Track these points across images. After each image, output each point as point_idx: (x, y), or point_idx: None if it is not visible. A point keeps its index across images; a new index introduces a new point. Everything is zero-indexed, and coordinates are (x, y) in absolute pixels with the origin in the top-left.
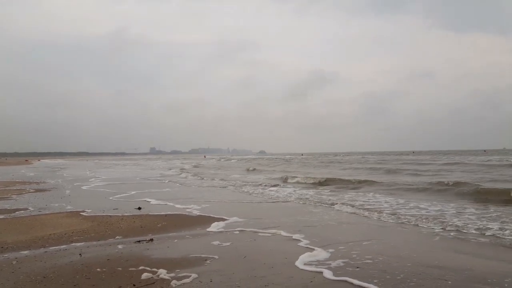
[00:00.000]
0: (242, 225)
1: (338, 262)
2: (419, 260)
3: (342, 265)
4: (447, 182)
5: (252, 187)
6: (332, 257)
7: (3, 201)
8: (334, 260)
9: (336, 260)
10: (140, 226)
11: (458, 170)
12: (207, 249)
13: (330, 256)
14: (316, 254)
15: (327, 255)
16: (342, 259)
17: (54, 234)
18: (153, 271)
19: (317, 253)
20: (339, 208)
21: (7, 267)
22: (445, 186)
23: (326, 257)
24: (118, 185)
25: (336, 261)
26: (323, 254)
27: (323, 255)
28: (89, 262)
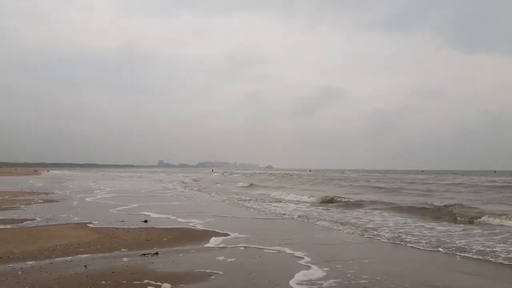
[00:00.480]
0: (246, 241)
1: (330, 282)
2: (418, 279)
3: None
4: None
5: (254, 202)
6: (326, 276)
7: (12, 211)
8: (326, 280)
9: (329, 279)
10: (146, 239)
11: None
12: (212, 264)
13: (325, 275)
14: (312, 272)
15: (323, 274)
16: (335, 279)
17: (60, 245)
18: (157, 285)
19: (312, 271)
20: (339, 227)
21: (13, 278)
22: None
23: (321, 276)
24: (124, 197)
25: (328, 280)
26: (319, 272)
27: (318, 273)
28: (94, 274)
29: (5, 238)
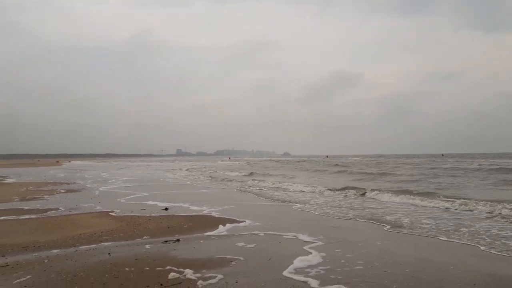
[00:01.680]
0: (263, 227)
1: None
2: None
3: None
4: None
5: (266, 190)
6: (323, 262)
7: (36, 201)
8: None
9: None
10: (167, 227)
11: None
12: (232, 250)
13: (322, 261)
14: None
15: (319, 260)
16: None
17: (84, 234)
18: (180, 271)
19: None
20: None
21: (39, 266)
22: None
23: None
24: (143, 186)
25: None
26: (316, 258)
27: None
28: (118, 262)
29: (30, 227)
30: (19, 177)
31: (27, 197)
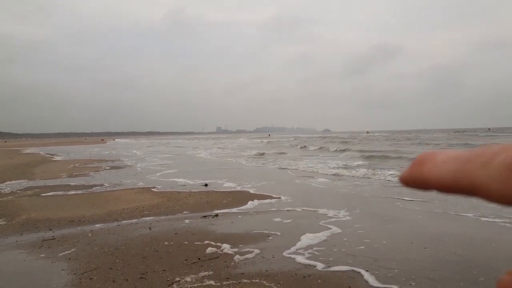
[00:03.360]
0: (298, 203)
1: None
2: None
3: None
4: None
5: (303, 167)
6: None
7: (82, 178)
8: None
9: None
10: (206, 202)
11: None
12: (269, 225)
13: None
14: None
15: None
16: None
17: (127, 209)
18: (218, 246)
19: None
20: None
21: (83, 239)
22: None
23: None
24: (182, 163)
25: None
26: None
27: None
28: (158, 236)
29: (77, 203)
30: (67, 155)
31: (74, 173)
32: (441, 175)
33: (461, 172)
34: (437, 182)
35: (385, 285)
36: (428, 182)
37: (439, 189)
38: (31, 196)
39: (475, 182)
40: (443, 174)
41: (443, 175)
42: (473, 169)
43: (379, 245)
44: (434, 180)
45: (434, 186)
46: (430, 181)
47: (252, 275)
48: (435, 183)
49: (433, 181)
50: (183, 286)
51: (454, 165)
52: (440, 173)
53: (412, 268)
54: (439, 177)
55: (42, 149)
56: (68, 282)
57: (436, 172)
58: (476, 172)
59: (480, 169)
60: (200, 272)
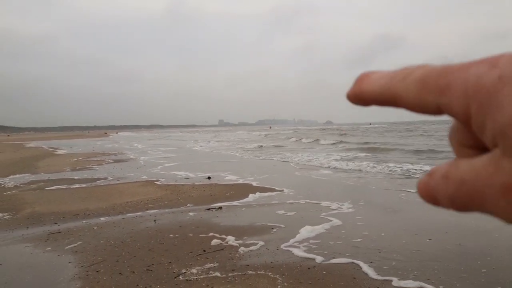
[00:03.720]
0: (301, 196)
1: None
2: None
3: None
4: None
5: (304, 160)
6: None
7: (86, 171)
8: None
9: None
10: (210, 195)
11: None
12: (273, 218)
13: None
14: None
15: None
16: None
17: (131, 202)
18: (222, 238)
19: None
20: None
21: (89, 232)
22: None
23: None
24: (184, 156)
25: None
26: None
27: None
28: (163, 228)
29: (81, 196)
30: (70, 148)
31: (77, 167)
32: (373, 89)
33: (387, 85)
34: (369, 95)
35: (387, 277)
36: (364, 97)
37: (372, 102)
38: (35, 190)
39: (395, 93)
40: (375, 88)
41: (374, 89)
42: (395, 82)
43: (384, 236)
44: (367, 94)
45: (368, 99)
46: (364, 95)
47: (257, 267)
48: (368, 96)
49: (367, 94)
50: (189, 277)
51: (384, 79)
52: (373, 87)
53: (415, 259)
54: (371, 91)
55: (45, 143)
56: (75, 275)
57: (370, 87)
58: (397, 85)
59: (400, 82)
60: (206, 264)
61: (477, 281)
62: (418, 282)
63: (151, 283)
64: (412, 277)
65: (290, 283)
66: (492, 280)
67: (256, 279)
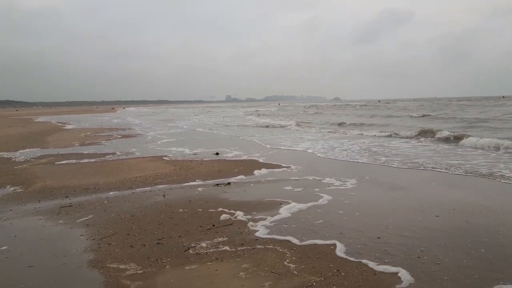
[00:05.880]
0: (311, 172)
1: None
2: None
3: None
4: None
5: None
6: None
7: (94, 146)
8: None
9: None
10: (218, 171)
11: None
12: (281, 193)
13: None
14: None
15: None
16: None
17: (140, 177)
18: (231, 213)
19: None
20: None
21: (100, 206)
22: None
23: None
24: (192, 132)
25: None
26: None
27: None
28: (172, 203)
29: (90, 171)
30: (78, 123)
31: (86, 142)
32: None
33: None
34: None
35: (394, 253)
36: None
37: None
38: (45, 164)
39: None
40: None
41: None
42: None
43: (394, 212)
44: None
45: None
46: None
47: (266, 241)
48: None
49: None
50: (199, 251)
51: None
52: None
53: (423, 236)
54: None
55: (54, 118)
56: (88, 247)
57: None
58: None
59: None
60: (215, 238)
61: (484, 257)
62: (426, 257)
63: (162, 256)
64: (419, 253)
65: (298, 257)
66: (499, 257)
67: (265, 253)
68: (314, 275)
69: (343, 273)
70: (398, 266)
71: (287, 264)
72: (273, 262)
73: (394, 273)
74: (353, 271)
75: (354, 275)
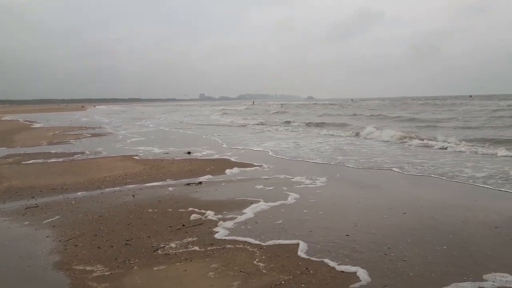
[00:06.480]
0: (282, 171)
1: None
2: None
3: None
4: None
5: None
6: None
7: (63, 145)
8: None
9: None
10: (189, 170)
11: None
12: (252, 192)
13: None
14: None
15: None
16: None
17: (109, 177)
18: (202, 213)
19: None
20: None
21: (67, 207)
22: None
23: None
24: (163, 131)
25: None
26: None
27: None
28: (142, 203)
29: (58, 170)
30: (47, 122)
31: (54, 141)
32: None
33: None
34: None
35: (361, 250)
36: None
37: None
38: (11, 164)
39: None
40: None
41: None
42: None
43: (362, 210)
44: None
45: None
46: None
47: (236, 241)
48: None
49: None
50: (168, 251)
51: None
52: None
53: (390, 233)
54: None
55: (21, 116)
56: (54, 249)
57: None
58: None
59: None
60: (185, 238)
61: (448, 253)
62: (393, 254)
63: (130, 257)
64: (386, 250)
65: (268, 256)
66: (462, 253)
67: (235, 252)
68: (283, 273)
69: (311, 271)
70: (365, 263)
71: (257, 263)
72: (242, 261)
73: (354, 272)
74: (321, 269)
75: (322, 273)
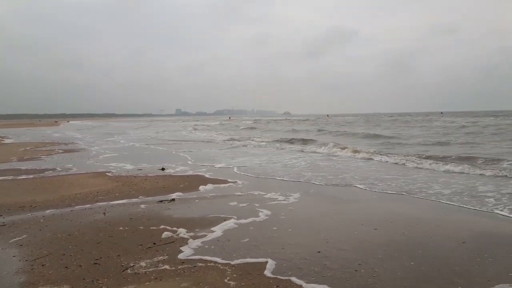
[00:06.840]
0: (256, 187)
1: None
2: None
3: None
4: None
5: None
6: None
7: (33, 162)
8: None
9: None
10: (163, 186)
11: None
12: (226, 209)
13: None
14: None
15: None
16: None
17: (80, 194)
18: (173, 230)
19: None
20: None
21: (35, 225)
22: None
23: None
24: (137, 147)
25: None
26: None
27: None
28: (113, 221)
29: (27, 188)
30: (18, 138)
31: (25, 157)
32: None
33: None
34: None
35: (333, 267)
36: None
37: None
38: None
39: None
40: None
41: None
42: None
43: (333, 227)
44: None
45: None
46: None
47: (207, 259)
48: None
49: None
50: (138, 270)
51: None
52: None
53: (361, 249)
54: None
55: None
56: (20, 269)
57: None
58: None
59: None
60: (155, 256)
61: (417, 269)
62: (363, 270)
63: (98, 277)
64: (357, 266)
65: (239, 274)
66: (431, 268)
67: (206, 271)
68: None
69: None
70: (336, 280)
71: (227, 281)
72: (213, 280)
73: None
74: (290, 287)
75: None
